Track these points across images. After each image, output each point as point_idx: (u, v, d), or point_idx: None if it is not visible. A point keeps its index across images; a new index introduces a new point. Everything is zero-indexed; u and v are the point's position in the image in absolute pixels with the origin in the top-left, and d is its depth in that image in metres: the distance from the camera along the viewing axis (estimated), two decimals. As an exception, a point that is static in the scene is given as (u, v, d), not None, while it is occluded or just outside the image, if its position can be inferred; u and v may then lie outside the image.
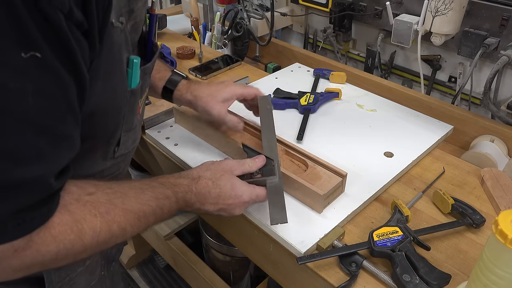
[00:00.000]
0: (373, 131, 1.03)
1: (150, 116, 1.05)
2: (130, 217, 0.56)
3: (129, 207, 0.56)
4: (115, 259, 0.84)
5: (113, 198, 0.54)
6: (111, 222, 0.53)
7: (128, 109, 0.62)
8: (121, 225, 0.54)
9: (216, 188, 0.69)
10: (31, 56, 0.38)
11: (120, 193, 0.56)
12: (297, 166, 0.88)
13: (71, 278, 0.68)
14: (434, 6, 1.13)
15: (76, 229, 0.49)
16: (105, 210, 0.52)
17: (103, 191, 0.54)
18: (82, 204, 0.50)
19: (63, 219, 0.47)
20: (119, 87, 0.57)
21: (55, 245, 0.47)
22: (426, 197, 0.86)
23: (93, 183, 0.54)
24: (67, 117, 0.45)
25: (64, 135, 0.45)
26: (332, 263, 0.73)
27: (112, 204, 0.53)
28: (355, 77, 1.32)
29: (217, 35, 1.53)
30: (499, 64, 1.03)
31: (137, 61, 0.58)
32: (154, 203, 0.60)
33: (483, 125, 1.10)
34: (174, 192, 0.64)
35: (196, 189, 0.67)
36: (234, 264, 1.49)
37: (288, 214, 0.79)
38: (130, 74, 0.59)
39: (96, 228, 0.51)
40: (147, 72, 0.67)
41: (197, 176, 0.69)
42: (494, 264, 0.52)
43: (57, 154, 0.45)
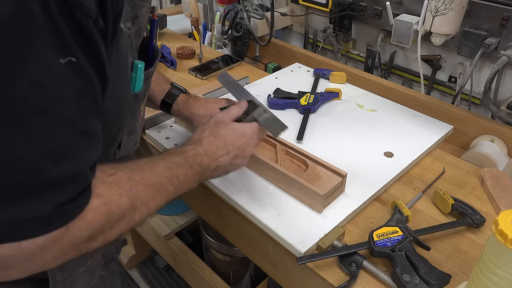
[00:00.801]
0: (373, 131, 1.03)
1: (150, 116, 1.05)
2: (151, 191, 0.57)
3: (147, 181, 0.57)
4: (113, 259, 0.84)
5: (132, 175, 0.55)
6: (135, 198, 0.54)
7: (131, 112, 0.63)
8: (143, 200, 0.55)
9: (220, 139, 0.71)
10: (68, 61, 0.41)
11: (137, 170, 0.57)
12: (297, 166, 0.88)
13: (73, 278, 0.68)
14: (434, 6, 1.13)
15: (106, 211, 0.50)
16: (129, 188, 0.53)
17: (122, 171, 0.55)
18: (107, 185, 0.51)
19: (94, 204, 0.49)
20: (124, 91, 0.59)
21: (89, 230, 0.49)
22: (426, 197, 0.86)
23: (111, 165, 0.55)
24: (95, 116, 0.47)
25: (94, 132, 0.48)
26: (332, 263, 0.73)
27: (133, 181, 0.55)
28: (355, 77, 1.31)
29: (217, 35, 1.53)
30: (499, 64, 1.03)
31: (142, 66, 0.60)
32: (169, 172, 0.61)
33: (483, 125, 1.10)
34: (184, 158, 0.65)
35: (203, 150, 0.69)
36: (234, 264, 1.49)
37: (288, 214, 0.80)
38: (134, 78, 0.60)
39: (122, 206, 0.52)
40: (149, 76, 0.68)
41: (198, 139, 0.71)
42: (494, 264, 0.52)
43: (91, 150, 0.47)
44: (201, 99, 0.91)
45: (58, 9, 0.39)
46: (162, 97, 0.90)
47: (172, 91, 0.91)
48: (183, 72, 1.36)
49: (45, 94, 0.40)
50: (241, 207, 0.82)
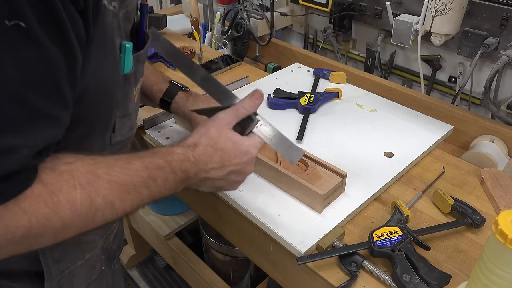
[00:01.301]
0: (373, 131, 1.03)
1: (150, 116, 1.05)
2: (118, 189, 0.51)
3: (115, 178, 0.51)
4: (116, 257, 0.84)
5: (95, 168, 0.50)
6: (94, 194, 0.48)
7: (122, 94, 0.61)
8: (107, 198, 0.50)
9: (217, 151, 0.63)
10: (14, 25, 0.38)
11: (104, 163, 0.52)
12: (297, 166, 0.88)
13: (70, 271, 0.67)
14: (434, 6, 1.13)
15: (51, 201, 0.45)
16: (86, 181, 0.48)
17: (83, 161, 0.50)
18: (57, 174, 0.46)
19: (34, 191, 0.44)
20: (112, 72, 0.57)
21: (27, 219, 0.43)
22: (426, 197, 0.86)
23: (72, 154, 0.50)
24: (51, 94, 0.43)
25: (46, 112, 0.43)
26: (332, 263, 0.73)
27: (94, 175, 0.49)
28: (355, 77, 1.32)
29: (217, 35, 1.53)
30: (499, 64, 1.03)
31: (130, 46, 0.58)
32: (144, 173, 0.55)
33: (483, 125, 1.10)
34: (167, 162, 0.58)
35: (194, 157, 0.62)
36: (234, 264, 1.49)
37: (288, 214, 0.80)
38: (122, 59, 0.58)
39: (75, 200, 0.46)
40: (140, 60, 0.66)
41: (192, 144, 0.63)
42: (494, 264, 0.52)
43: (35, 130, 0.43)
44: (202, 97, 0.90)
45: None
46: (160, 96, 0.90)
47: (170, 88, 0.90)
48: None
49: None
50: (241, 207, 0.82)
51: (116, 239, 0.82)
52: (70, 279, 0.68)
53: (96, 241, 0.72)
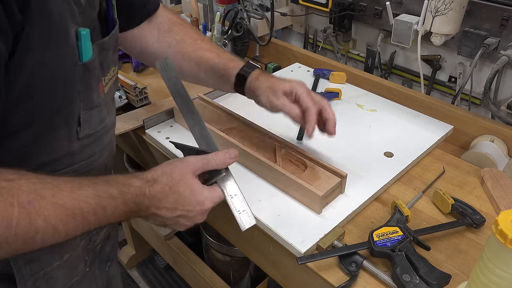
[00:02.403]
0: (373, 131, 1.03)
1: (150, 116, 1.05)
2: (62, 213, 0.50)
3: (61, 201, 0.50)
4: (110, 259, 0.81)
5: (40, 188, 0.49)
6: (35, 214, 0.47)
7: (83, 84, 0.58)
8: (49, 220, 0.49)
9: (173, 193, 0.64)
10: None
11: (51, 184, 0.51)
12: (296, 166, 0.88)
13: (46, 273, 0.65)
14: (434, 6, 1.13)
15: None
16: (27, 200, 0.47)
17: (28, 180, 0.48)
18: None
19: None
20: (65, 60, 0.54)
21: None
22: (426, 197, 0.86)
23: (17, 171, 0.48)
24: None
25: None
26: (332, 263, 0.73)
27: (37, 195, 0.48)
28: (355, 77, 1.31)
29: (217, 35, 1.53)
30: (499, 64, 1.03)
31: (86, 32, 0.55)
32: (94, 200, 0.54)
33: (483, 125, 1.10)
34: (122, 193, 0.58)
35: (150, 193, 0.62)
36: (234, 264, 1.49)
37: (288, 214, 0.80)
38: (79, 46, 0.55)
39: (11, 218, 0.45)
40: (106, 47, 0.63)
41: (152, 179, 0.63)
42: (494, 264, 0.52)
43: None
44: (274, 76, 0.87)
45: None
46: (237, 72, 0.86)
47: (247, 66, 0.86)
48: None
49: None
50: (241, 207, 0.82)
51: (109, 242, 0.79)
52: (47, 281, 0.65)
53: (76, 241, 0.68)
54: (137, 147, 1.13)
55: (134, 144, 1.14)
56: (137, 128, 1.06)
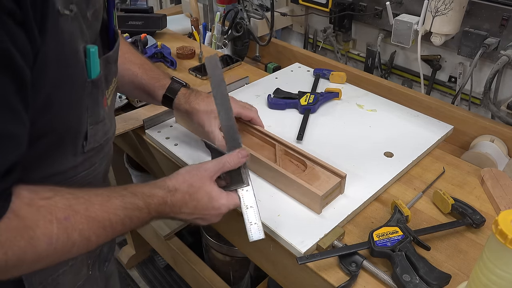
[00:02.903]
0: (373, 131, 1.03)
1: (150, 116, 1.05)
2: (94, 225, 0.53)
3: (93, 214, 0.53)
4: (107, 259, 0.81)
5: (74, 204, 0.51)
6: (71, 229, 0.50)
7: (92, 100, 0.59)
8: (83, 233, 0.51)
9: (193, 201, 0.68)
10: None
11: (84, 199, 0.53)
12: (296, 166, 0.88)
13: (53, 279, 0.66)
14: (434, 6, 1.13)
15: (27, 236, 0.46)
16: (64, 216, 0.49)
17: (62, 196, 0.51)
18: (35, 209, 0.48)
19: (10, 225, 0.45)
20: (76, 78, 0.55)
21: (3, 252, 0.45)
22: (426, 197, 0.86)
23: (51, 188, 0.51)
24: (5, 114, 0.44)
25: (4, 133, 0.44)
26: (332, 263, 0.73)
27: (72, 210, 0.51)
28: (355, 77, 1.31)
29: (217, 35, 1.53)
30: (499, 64, 1.03)
31: (94, 50, 0.55)
32: (123, 212, 0.57)
33: (483, 125, 1.10)
34: (147, 204, 0.62)
35: (171, 201, 0.66)
36: (234, 264, 1.49)
37: (288, 214, 0.80)
38: (88, 64, 0.56)
39: (51, 234, 0.48)
40: (111, 61, 0.64)
41: (174, 188, 0.67)
42: (494, 264, 0.52)
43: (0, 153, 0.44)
44: (203, 94, 0.91)
45: None
46: (163, 92, 0.89)
47: (173, 85, 0.90)
48: (183, 72, 1.36)
49: None
50: (241, 207, 0.82)
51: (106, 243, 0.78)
52: (55, 286, 0.67)
53: None
54: (137, 147, 1.13)
55: (134, 144, 1.14)
56: (137, 128, 1.06)
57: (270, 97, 1.13)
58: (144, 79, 0.90)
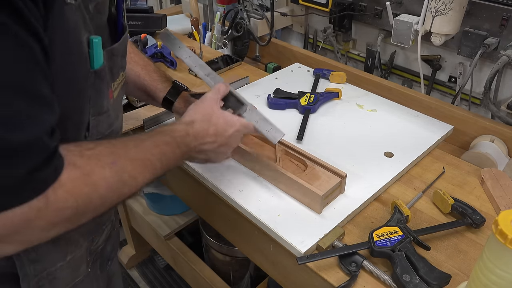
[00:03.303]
0: (373, 131, 1.03)
1: (150, 116, 1.05)
2: (137, 165, 0.58)
3: (133, 155, 0.58)
4: (110, 258, 0.82)
5: (115, 150, 0.56)
6: (121, 171, 0.55)
7: (95, 91, 0.60)
8: (131, 173, 0.56)
9: (211, 126, 0.73)
10: None
11: (121, 144, 0.57)
12: (296, 166, 0.88)
13: (49, 273, 0.66)
14: (434, 6, 1.13)
15: (89, 182, 0.51)
16: (111, 161, 0.54)
17: (103, 145, 0.55)
18: (86, 158, 0.52)
19: (72, 175, 0.49)
20: (79, 68, 0.56)
21: (73, 199, 0.49)
22: (426, 197, 0.86)
23: (90, 141, 0.55)
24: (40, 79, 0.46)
25: (42, 96, 0.47)
26: (332, 263, 0.73)
27: (116, 155, 0.55)
28: (355, 77, 1.32)
29: (217, 35, 1.53)
30: (499, 64, 1.03)
31: (98, 40, 0.57)
32: (156, 150, 0.62)
33: (483, 125, 1.10)
34: (173, 138, 0.67)
35: (193, 132, 0.71)
36: (234, 264, 1.49)
37: (288, 214, 0.80)
38: (91, 54, 0.57)
39: (107, 178, 0.53)
40: (116, 53, 0.65)
41: (190, 120, 0.73)
42: (494, 264, 0.52)
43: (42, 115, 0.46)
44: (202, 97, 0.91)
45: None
46: (164, 95, 0.91)
47: (174, 88, 0.91)
48: (183, 72, 1.36)
49: None
50: (241, 207, 0.82)
51: (110, 242, 0.80)
52: (51, 281, 0.67)
53: (80, 242, 0.70)
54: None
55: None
56: (137, 128, 1.06)
57: (270, 97, 1.13)
58: (146, 80, 0.91)
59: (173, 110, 0.92)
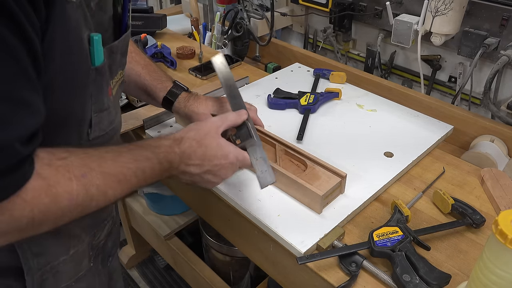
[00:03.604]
0: (373, 131, 1.03)
1: (150, 116, 1.05)
2: (109, 180, 0.56)
3: (107, 169, 0.56)
4: (111, 254, 0.83)
5: (88, 162, 0.54)
6: (89, 185, 0.53)
7: (96, 88, 0.61)
8: (100, 188, 0.54)
9: (201, 147, 0.69)
10: None
11: (96, 156, 0.56)
12: (296, 166, 0.88)
13: (53, 267, 0.67)
14: (434, 6, 1.13)
15: (51, 193, 0.49)
16: (81, 174, 0.52)
17: (77, 156, 0.53)
18: (54, 169, 0.50)
19: (35, 185, 0.48)
20: (80, 65, 0.56)
21: (29, 209, 0.48)
22: (426, 197, 0.86)
23: (65, 149, 0.53)
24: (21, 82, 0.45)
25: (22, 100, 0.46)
26: (332, 263, 0.73)
27: (88, 168, 0.53)
28: (355, 77, 1.32)
29: (217, 35, 1.53)
30: (499, 64, 1.03)
31: (98, 38, 0.57)
32: (134, 165, 0.59)
33: (483, 125, 1.10)
34: (155, 154, 0.63)
35: (179, 149, 0.67)
36: (234, 264, 1.49)
37: (288, 214, 0.80)
38: (92, 51, 0.57)
39: (72, 191, 0.51)
40: (115, 51, 0.65)
41: (180, 137, 0.69)
42: (494, 264, 0.52)
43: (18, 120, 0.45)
44: (201, 97, 0.92)
45: None
46: (164, 95, 0.91)
47: (174, 89, 0.91)
48: (183, 72, 1.36)
49: None
50: (241, 207, 0.82)
51: (110, 238, 0.81)
52: (54, 275, 0.68)
53: (82, 237, 0.71)
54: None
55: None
56: (137, 128, 1.06)
57: (270, 97, 1.13)
58: (146, 79, 0.91)
59: (173, 110, 0.92)
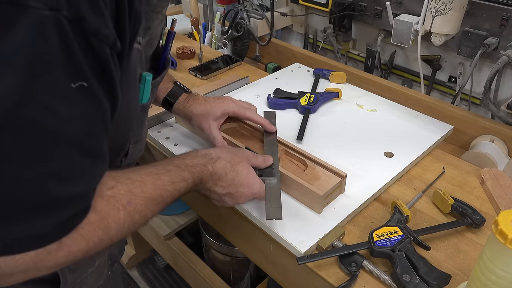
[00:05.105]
0: (373, 131, 1.03)
1: (150, 116, 1.04)
2: (150, 204, 0.58)
3: (148, 194, 0.57)
4: (117, 260, 0.84)
5: (132, 188, 0.56)
6: (133, 212, 0.55)
7: (138, 122, 0.64)
8: (142, 213, 0.56)
9: (233, 171, 0.71)
10: (79, 86, 0.42)
11: (139, 182, 0.57)
12: (296, 166, 0.88)
13: (82, 279, 0.69)
14: (434, 6, 1.13)
15: (103, 225, 0.51)
16: (127, 201, 0.54)
17: (122, 183, 0.55)
18: (105, 200, 0.52)
19: (90, 219, 0.49)
20: (132, 103, 0.59)
21: (85, 243, 0.49)
22: (426, 197, 0.86)
23: (112, 176, 0.55)
24: (103, 137, 0.48)
25: (102, 153, 0.48)
26: (332, 263, 0.73)
27: (132, 194, 0.55)
28: (355, 77, 1.32)
29: (217, 35, 1.53)
30: (499, 64, 1.03)
31: (149, 78, 0.60)
32: (172, 187, 0.61)
33: (483, 125, 1.10)
34: (191, 173, 0.65)
35: (212, 169, 0.69)
36: (234, 264, 1.49)
37: (288, 214, 0.80)
38: (142, 90, 0.60)
39: (120, 221, 0.53)
40: (156, 85, 0.68)
41: (216, 156, 0.71)
42: (494, 264, 0.52)
43: (98, 172, 0.48)
44: (200, 97, 0.92)
45: (74, 37, 0.40)
46: (164, 95, 0.91)
47: (174, 90, 0.92)
48: (183, 72, 1.36)
49: (54, 116, 0.41)
50: (241, 207, 0.82)
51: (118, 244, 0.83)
52: (81, 286, 0.70)
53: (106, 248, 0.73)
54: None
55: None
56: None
57: (270, 97, 1.13)
58: None
59: (172, 111, 0.92)
